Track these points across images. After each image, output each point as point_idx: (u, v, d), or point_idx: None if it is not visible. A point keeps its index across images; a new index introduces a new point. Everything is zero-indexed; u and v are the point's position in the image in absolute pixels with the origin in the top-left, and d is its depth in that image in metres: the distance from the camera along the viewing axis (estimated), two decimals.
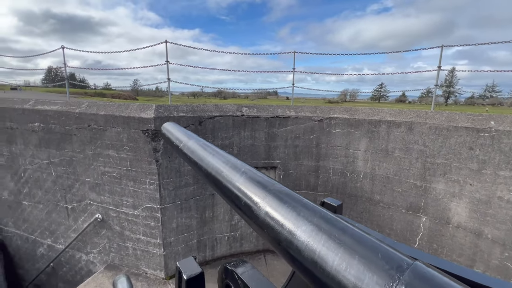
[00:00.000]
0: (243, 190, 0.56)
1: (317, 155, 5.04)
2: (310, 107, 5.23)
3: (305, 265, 0.35)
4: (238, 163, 0.68)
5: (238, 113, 4.80)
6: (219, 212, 5.00)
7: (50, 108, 4.87)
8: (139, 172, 4.33)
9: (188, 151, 0.93)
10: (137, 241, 4.67)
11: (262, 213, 0.48)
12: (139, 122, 4.11)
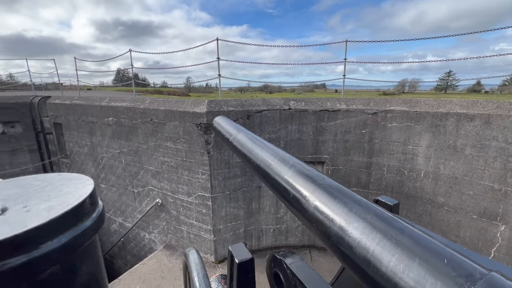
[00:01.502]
0: (291, 183, 0.57)
1: (369, 151, 4.71)
2: (363, 99, 4.90)
3: (357, 263, 0.34)
4: (286, 156, 0.68)
5: (285, 107, 4.78)
6: (265, 204, 5.11)
7: (120, 105, 5.59)
8: (192, 162, 4.68)
9: (238, 144, 0.97)
10: (190, 226, 5.10)
11: (311, 207, 0.47)
12: (193, 116, 4.43)
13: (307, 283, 0.62)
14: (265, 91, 65.34)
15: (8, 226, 0.27)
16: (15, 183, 0.38)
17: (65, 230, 0.30)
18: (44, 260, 0.28)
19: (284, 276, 0.72)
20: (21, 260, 0.26)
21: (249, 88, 68.47)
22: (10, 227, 0.27)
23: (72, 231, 0.31)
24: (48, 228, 0.29)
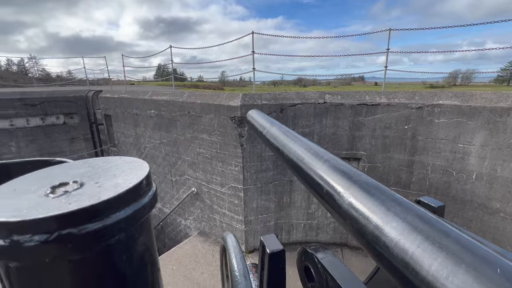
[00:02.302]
0: (325, 178, 0.55)
1: (412, 148, 4.38)
2: (407, 92, 4.53)
3: (394, 264, 0.33)
4: (320, 151, 0.64)
5: (320, 101, 4.64)
6: (297, 199, 5.08)
7: (161, 98, 5.96)
8: (226, 154, 4.83)
9: (271, 137, 0.95)
10: (223, 215, 5.30)
11: (345, 203, 0.46)
12: (227, 109, 4.54)
13: (339, 278, 0.61)
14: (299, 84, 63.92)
15: (87, 197, 0.33)
16: (86, 164, 0.44)
17: (129, 204, 0.35)
18: (114, 227, 0.33)
19: (315, 270, 0.72)
20: (97, 226, 0.31)
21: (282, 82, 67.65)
22: (88, 198, 0.32)
23: (134, 206, 0.36)
24: (116, 201, 0.33)
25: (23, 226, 0.28)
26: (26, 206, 0.31)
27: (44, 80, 26.94)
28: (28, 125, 8.81)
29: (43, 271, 0.32)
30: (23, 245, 0.29)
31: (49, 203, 0.32)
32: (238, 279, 0.47)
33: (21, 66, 57.63)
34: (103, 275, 0.35)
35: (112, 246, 0.34)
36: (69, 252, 0.31)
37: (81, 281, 0.33)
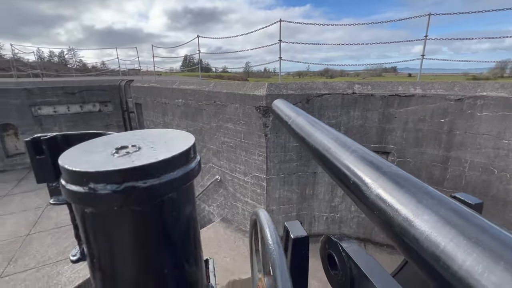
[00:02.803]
0: (352, 169, 0.54)
1: (447, 143, 4.09)
2: (445, 83, 4.21)
3: (423, 257, 0.32)
4: (348, 141, 0.65)
5: (348, 91, 4.47)
6: (320, 191, 5.02)
7: (188, 88, 6.12)
8: (250, 144, 4.87)
9: (296, 127, 0.96)
10: (245, 203, 5.41)
11: (373, 194, 0.45)
12: (253, 99, 4.55)
13: (364, 267, 0.62)
14: (326, 75, 61.99)
15: (146, 157, 0.36)
16: (138, 133, 0.48)
17: (180, 166, 0.39)
18: (167, 185, 0.37)
19: (338, 258, 0.72)
20: (155, 182, 0.35)
21: (308, 73, 66.08)
22: (147, 158, 0.36)
23: (184, 168, 0.39)
24: (170, 162, 0.37)
25: (99, 176, 0.33)
26: (98, 162, 0.35)
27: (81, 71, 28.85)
28: (69, 111, 9.55)
29: (110, 218, 0.36)
30: (97, 192, 0.33)
31: (116, 160, 0.36)
32: (271, 246, 0.49)
33: (61, 57, 62.14)
34: (156, 227, 0.39)
35: (165, 202, 0.38)
36: (132, 202, 0.35)
37: (139, 229, 0.38)
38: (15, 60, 15.11)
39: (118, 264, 0.41)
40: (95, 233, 0.39)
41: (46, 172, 0.61)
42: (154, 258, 0.41)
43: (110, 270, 0.42)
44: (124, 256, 0.40)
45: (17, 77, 12.60)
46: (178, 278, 0.46)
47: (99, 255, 0.41)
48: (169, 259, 0.43)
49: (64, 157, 0.39)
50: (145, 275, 0.42)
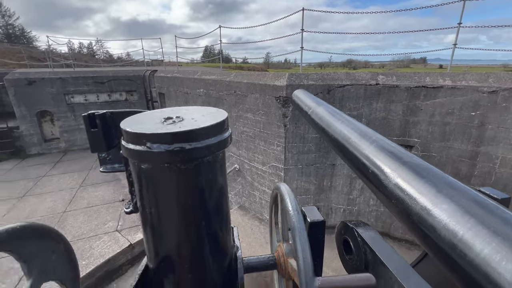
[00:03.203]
0: (371, 159, 0.55)
1: (478, 138, 3.88)
2: (478, 74, 3.96)
3: (440, 245, 0.33)
4: (368, 131, 0.66)
5: (372, 82, 4.35)
6: (338, 183, 4.99)
7: (209, 78, 6.23)
8: (269, 134, 4.92)
9: (316, 117, 0.96)
10: (262, 192, 5.52)
11: (391, 183, 0.46)
12: (273, 89, 4.56)
13: (379, 252, 0.63)
14: (348, 66, 59.65)
15: (190, 125, 0.44)
16: (179, 109, 0.56)
17: (216, 134, 0.46)
18: (206, 149, 0.44)
19: (354, 244, 0.74)
20: (197, 145, 0.43)
21: (330, 64, 63.94)
22: (191, 126, 0.44)
23: (220, 137, 0.47)
24: (209, 129, 0.45)
25: (154, 137, 0.41)
26: (153, 127, 0.44)
27: (108, 61, 30.07)
28: (98, 100, 10.11)
29: (161, 173, 0.45)
30: (152, 150, 0.41)
31: (166, 126, 0.44)
32: (292, 212, 0.55)
33: (90, 48, 64.96)
34: (196, 184, 0.48)
35: (204, 164, 0.46)
36: (178, 161, 0.43)
37: (182, 185, 0.47)
38: (48, 52, 16.12)
39: (165, 214, 0.50)
40: (148, 187, 0.48)
41: (99, 143, 0.72)
42: (194, 211, 0.50)
43: (157, 220, 0.51)
44: (170, 207, 0.49)
45: (52, 67, 13.46)
46: (213, 233, 0.54)
47: (149, 206, 0.50)
48: (206, 214, 0.52)
49: (125, 124, 0.48)
50: (186, 225, 0.51)
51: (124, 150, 0.47)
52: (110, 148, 0.74)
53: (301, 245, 0.48)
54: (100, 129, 0.71)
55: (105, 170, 0.81)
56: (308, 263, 0.47)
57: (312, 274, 0.47)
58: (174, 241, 0.52)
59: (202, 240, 0.53)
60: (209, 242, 0.54)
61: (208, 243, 0.54)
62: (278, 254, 0.69)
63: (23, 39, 48.21)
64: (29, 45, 42.28)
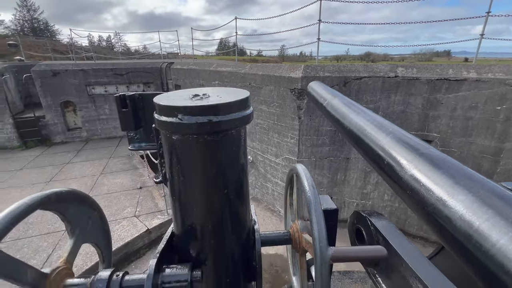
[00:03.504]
0: (387, 150, 0.56)
1: (502, 134, 3.71)
2: (506, 66, 3.75)
3: (455, 236, 0.33)
4: (385, 123, 0.66)
5: (390, 74, 4.23)
6: (352, 177, 4.95)
7: (225, 70, 6.27)
8: (283, 126, 4.93)
9: (332, 109, 0.95)
10: (275, 184, 5.56)
11: (407, 175, 0.47)
12: (288, 81, 4.54)
13: (392, 241, 0.63)
14: (367, 60, 57.67)
15: (216, 101, 0.48)
16: (204, 89, 0.60)
17: (239, 110, 0.50)
18: (231, 122, 0.48)
19: (366, 233, 0.76)
20: (222, 118, 0.47)
21: (347, 57, 62.13)
22: (217, 101, 0.48)
23: (243, 112, 0.51)
24: (233, 105, 0.49)
25: (186, 110, 0.46)
26: (183, 102, 0.49)
27: (126, 54, 30.78)
28: (117, 91, 10.43)
29: (190, 144, 0.50)
30: (183, 122, 0.46)
31: (195, 101, 0.49)
32: (307, 188, 0.57)
33: (108, 41, 66.68)
34: (221, 155, 0.52)
35: (228, 136, 0.51)
36: (206, 132, 0.48)
37: (209, 155, 0.51)
38: (70, 45, 16.72)
39: (191, 183, 0.55)
40: (177, 157, 0.53)
41: (128, 123, 0.78)
42: (217, 181, 0.54)
43: (184, 188, 0.56)
44: (196, 176, 0.54)
45: (74, 59, 13.99)
46: (234, 202, 0.59)
47: (178, 176, 0.55)
48: (228, 184, 0.56)
49: (158, 99, 0.53)
50: (210, 194, 0.56)
51: (157, 122, 0.51)
52: (138, 128, 0.80)
53: (316, 216, 0.51)
54: (130, 110, 0.77)
55: (133, 148, 0.87)
56: (322, 232, 0.49)
57: (326, 243, 0.50)
58: (199, 208, 0.56)
59: (224, 208, 0.57)
60: (230, 211, 0.58)
61: (230, 212, 0.58)
62: (293, 230, 0.72)
63: (46, 33, 50.20)
64: (52, 38, 44.00)
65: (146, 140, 0.83)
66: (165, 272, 0.56)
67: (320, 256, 0.48)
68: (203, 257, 0.61)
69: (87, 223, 0.66)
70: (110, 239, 0.76)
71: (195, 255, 0.61)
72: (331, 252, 0.50)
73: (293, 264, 0.87)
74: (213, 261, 0.61)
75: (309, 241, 0.61)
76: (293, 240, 0.71)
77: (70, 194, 0.60)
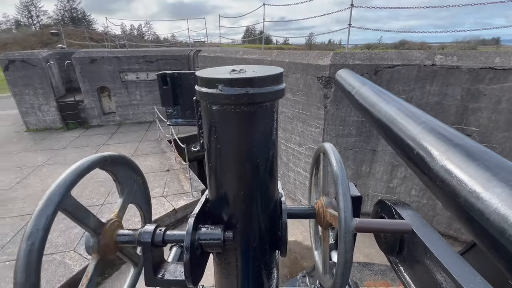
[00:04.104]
0: (417, 140, 0.54)
1: None
2: None
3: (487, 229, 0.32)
4: (418, 113, 0.63)
5: (427, 62, 3.95)
6: (377, 170, 4.80)
7: (251, 57, 6.26)
8: (308, 115, 4.87)
9: (360, 97, 0.93)
10: (297, 174, 5.57)
11: (438, 166, 0.46)
12: (315, 69, 4.44)
13: (419, 231, 0.62)
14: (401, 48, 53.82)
15: (253, 74, 0.52)
16: (239, 66, 0.64)
17: (274, 84, 0.53)
18: (266, 95, 0.52)
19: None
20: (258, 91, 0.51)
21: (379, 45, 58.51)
22: (254, 74, 0.52)
23: (276, 87, 0.54)
24: (269, 78, 0.52)
25: (226, 81, 0.50)
26: (223, 75, 0.53)
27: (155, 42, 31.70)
28: (147, 78, 10.89)
29: (228, 114, 0.54)
30: (223, 93, 0.50)
31: (234, 75, 0.53)
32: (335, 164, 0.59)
33: (139, 30, 68.90)
34: (256, 126, 0.56)
35: (262, 108, 0.54)
36: (243, 103, 0.52)
37: (245, 125, 0.55)
38: (105, 33, 17.59)
39: (227, 151, 0.59)
40: (215, 126, 0.58)
41: (168, 99, 0.85)
42: (251, 150, 0.59)
43: (220, 156, 0.61)
44: (232, 145, 0.58)
45: (109, 47, 14.74)
46: (264, 172, 0.63)
47: (215, 144, 0.60)
48: (260, 154, 0.60)
49: (200, 73, 0.58)
50: (244, 162, 0.60)
51: (199, 94, 0.56)
52: (176, 105, 0.87)
53: (342, 188, 0.53)
54: (169, 87, 0.83)
55: (171, 124, 0.94)
56: (348, 203, 0.51)
57: (351, 213, 0.52)
58: (232, 175, 0.62)
59: (255, 177, 0.62)
60: (261, 180, 0.63)
61: (260, 181, 0.63)
62: (318, 205, 0.75)
63: (84, 22, 53.13)
64: (89, 27, 46.50)
65: (182, 116, 0.90)
66: (201, 230, 0.63)
67: (345, 225, 0.50)
68: (234, 221, 0.67)
69: (133, 186, 0.75)
70: (150, 203, 0.85)
71: (227, 218, 0.67)
72: (355, 222, 0.52)
73: (315, 239, 0.91)
74: (243, 225, 0.67)
75: (333, 214, 0.64)
76: (317, 214, 0.74)
77: (121, 158, 0.68)
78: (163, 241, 0.63)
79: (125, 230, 0.64)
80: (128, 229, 0.65)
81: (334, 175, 0.57)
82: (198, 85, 0.57)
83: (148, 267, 0.64)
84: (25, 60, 9.56)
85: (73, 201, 0.52)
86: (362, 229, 0.53)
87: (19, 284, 0.39)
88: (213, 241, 0.62)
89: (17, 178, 6.66)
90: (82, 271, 3.95)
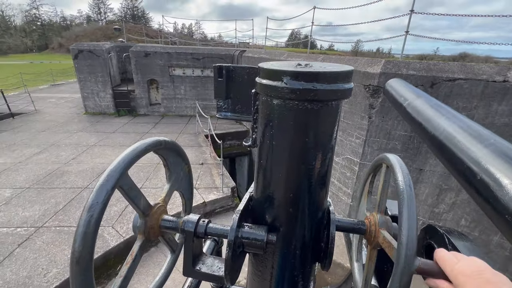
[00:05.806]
0: (482, 164, 0.48)
1: None
2: None
3: None
4: (484, 132, 0.56)
5: (497, 78, 3.49)
6: (422, 191, 4.37)
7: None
8: (349, 124, 4.64)
9: (413, 110, 0.85)
10: (331, 184, 5.34)
11: (508, 197, 0.40)
12: (363, 76, 4.21)
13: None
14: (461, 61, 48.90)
15: (319, 69, 0.48)
16: (305, 61, 0.60)
17: (343, 81, 0.48)
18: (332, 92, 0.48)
19: None
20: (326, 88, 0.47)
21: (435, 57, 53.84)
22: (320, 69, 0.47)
23: (346, 85, 0.49)
24: (338, 75, 0.48)
25: (292, 74, 0.47)
26: (289, 67, 0.49)
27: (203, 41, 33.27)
28: (193, 74, 11.45)
29: (289, 110, 0.50)
30: (288, 86, 0.47)
31: (300, 68, 0.49)
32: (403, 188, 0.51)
33: (189, 29, 73.10)
34: (316, 125, 0.51)
35: (327, 108, 0.50)
36: (307, 99, 0.47)
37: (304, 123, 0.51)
38: (159, 31, 18.96)
39: (282, 148, 0.56)
40: (273, 122, 0.54)
41: (221, 91, 0.84)
42: (308, 150, 0.54)
43: (273, 154, 0.58)
44: (288, 143, 0.54)
45: (162, 43, 15.86)
46: (317, 176, 0.58)
47: (270, 140, 0.56)
48: (317, 156, 0.55)
49: (263, 64, 0.55)
50: (297, 162, 0.56)
51: (260, 87, 0.54)
52: (227, 98, 0.86)
53: (409, 222, 0.45)
54: (224, 79, 0.83)
55: (220, 117, 0.94)
56: (413, 239, 0.44)
57: (415, 252, 0.45)
58: (284, 175, 0.58)
59: (308, 180, 0.57)
60: (312, 184, 0.58)
61: (311, 185, 0.58)
62: (369, 221, 0.68)
63: (142, 19, 58.14)
64: (146, 24, 50.72)
65: (232, 110, 0.89)
66: (245, 228, 0.60)
67: (404, 264, 0.43)
68: (277, 223, 0.63)
69: (179, 173, 0.76)
70: (193, 192, 0.85)
71: (270, 220, 0.63)
72: (418, 263, 0.45)
73: (358, 251, 0.84)
74: (287, 230, 0.63)
75: (388, 240, 0.56)
76: (368, 231, 0.67)
77: (172, 144, 0.69)
78: (205, 232, 0.63)
79: (170, 216, 0.64)
80: (173, 215, 0.65)
81: (400, 202, 0.50)
82: (260, 76, 0.54)
83: (188, 257, 0.64)
84: (91, 51, 10.75)
85: (129, 181, 0.53)
86: (425, 272, 0.45)
87: (77, 251, 0.42)
88: (255, 241, 0.59)
89: (73, 154, 7.50)
90: (116, 246, 4.27)
